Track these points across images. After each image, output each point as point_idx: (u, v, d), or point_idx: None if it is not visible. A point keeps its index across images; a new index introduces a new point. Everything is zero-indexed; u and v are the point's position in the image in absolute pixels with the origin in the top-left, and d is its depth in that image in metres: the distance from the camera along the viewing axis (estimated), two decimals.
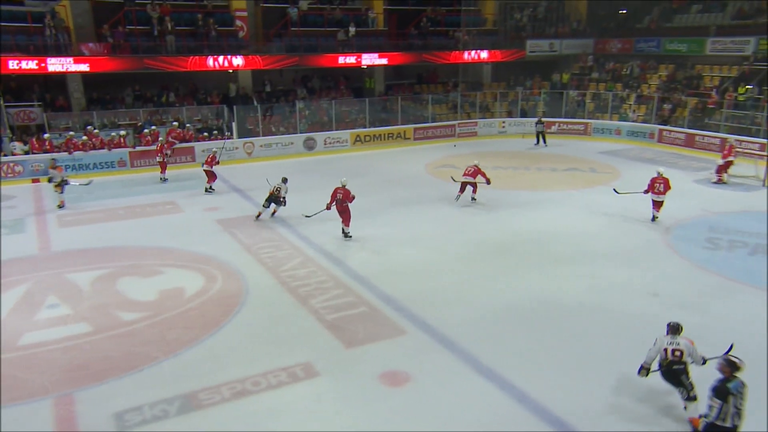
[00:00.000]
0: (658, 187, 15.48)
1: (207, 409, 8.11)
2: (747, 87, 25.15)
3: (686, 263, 13.21)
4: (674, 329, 7.84)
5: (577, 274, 12.57)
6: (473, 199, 17.61)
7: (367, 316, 10.77)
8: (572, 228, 15.48)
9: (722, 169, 19.96)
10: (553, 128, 28.81)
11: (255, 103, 25.48)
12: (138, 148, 22.25)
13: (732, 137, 22.10)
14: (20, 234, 15.29)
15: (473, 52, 29.68)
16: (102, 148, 21.80)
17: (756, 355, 9.38)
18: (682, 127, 25.85)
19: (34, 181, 20.66)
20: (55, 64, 21.50)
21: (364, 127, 26.68)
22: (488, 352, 9.49)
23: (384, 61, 27.91)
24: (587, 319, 10.70)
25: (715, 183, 19.88)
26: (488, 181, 17.38)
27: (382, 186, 19.97)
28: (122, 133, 22.45)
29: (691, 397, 7.47)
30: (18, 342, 9.80)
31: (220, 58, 24.09)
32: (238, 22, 25.78)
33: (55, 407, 8.23)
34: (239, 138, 24.06)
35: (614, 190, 17.13)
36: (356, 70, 28.74)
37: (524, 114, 30.08)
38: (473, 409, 8.15)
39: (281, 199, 15.87)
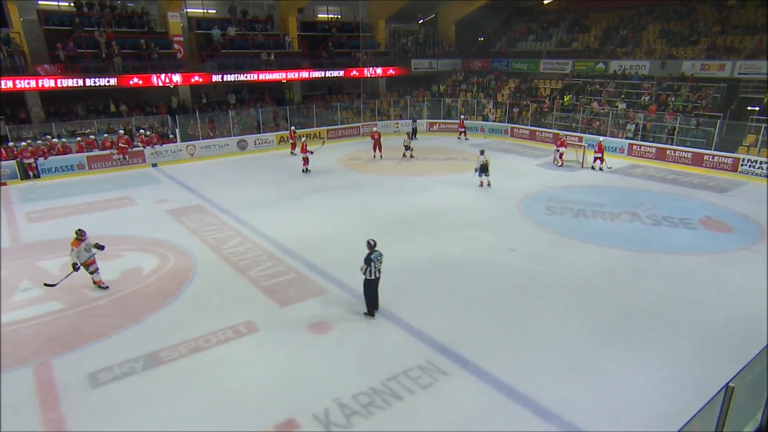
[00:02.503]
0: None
1: (168, 364, 7.85)
2: (568, 96, 26.80)
3: (533, 225, 14.03)
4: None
5: (458, 238, 13.06)
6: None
7: (295, 281, 10.70)
8: (453, 203, 15.99)
9: (561, 155, 21.20)
10: (435, 127, 29.54)
11: (195, 112, 24.26)
12: (95, 152, 20.60)
13: (562, 132, 23.54)
14: None
15: (371, 69, 29.67)
16: (60, 154, 19.96)
17: (581, 285, 10.23)
18: (527, 125, 27.17)
19: (2, 184, 18.68)
20: (11, 82, 19.40)
21: (287, 130, 26.09)
22: (393, 301, 9.73)
23: (303, 75, 27.33)
24: (466, 270, 11.18)
25: (559, 166, 20.99)
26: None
27: (304, 176, 19.71)
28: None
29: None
30: None
31: (162, 76, 22.70)
32: (176, 46, 24.33)
33: (35, 373, 7.73)
34: (182, 141, 22.83)
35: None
36: (278, 84, 27.98)
37: (448, 116, 30.33)
38: (381, 344, 8.40)
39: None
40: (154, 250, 12.34)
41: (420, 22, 35.90)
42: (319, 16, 31.89)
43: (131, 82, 22.09)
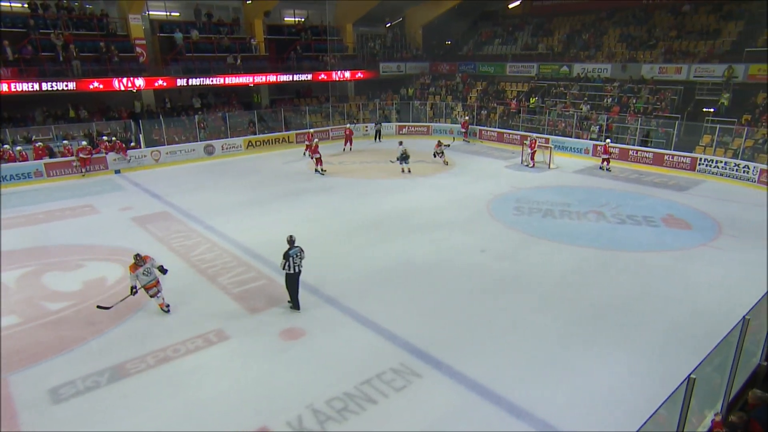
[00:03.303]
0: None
1: (135, 376, 7.63)
2: (534, 98, 27.36)
3: (502, 226, 14.23)
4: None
5: (429, 240, 13.13)
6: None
7: (266, 287, 10.57)
8: (423, 205, 16.08)
9: (532, 157, 21.56)
10: (404, 130, 29.69)
11: (159, 117, 23.69)
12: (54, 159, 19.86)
13: (531, 134, 23.99)
14: None
15: (339, 73, 29.61)
16: (12, 160, 19.14)
17: (550, 284, 10.42)
18: (495, 127, 27.57)
19: None
20: None
21: (255, 134, 25.80)
22: (364, 304, 9.71)
23: (270, 79, 27.04)
24: (437, 271, 11.26)
25: (531, 167, 21.29)
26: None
27: (273, 181, 19.49)
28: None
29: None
30: None
31: (124, 80, 22.06)
32: (138, 49, 23.73)
33: None
34: (147, 147, 22.26)
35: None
36: (245, 87, 27.61)
37: (417, 119, 30.40)
38: (354, 348, 8.36)
39: None
40: (119, 259, 11.97)
41: (387, 25, 36.07)
42: (285, 19, 31.67)
43: (91, 87, 21.40)
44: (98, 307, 9.36)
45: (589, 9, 29.98)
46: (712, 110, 21.97)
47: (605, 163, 20.92)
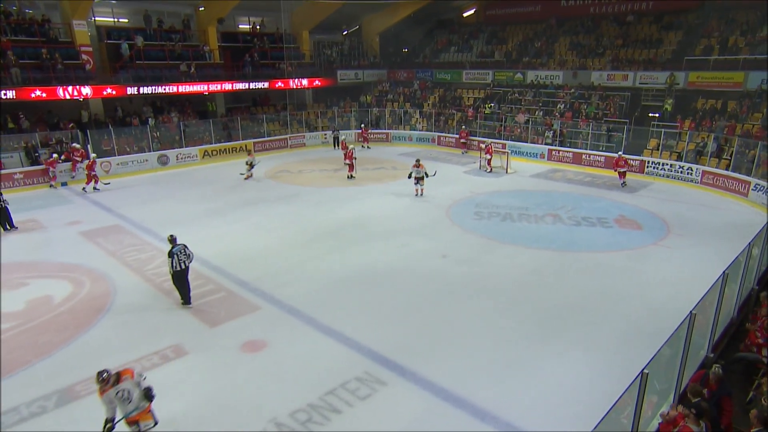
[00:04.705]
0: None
1: (85, 398, 7.28)
2: (490, 105, 28.01)
3: (462, 230, 14.44)
4: (172, 239, 9.76)
5: (389, 246, 13.17)
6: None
7: (226, 299, 10.33)
8: (383, 212, 16.12)
9: (489, 162, 21.95)
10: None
11: (109, 126, 22.83)
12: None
13: (487, 140, 24.51)
14: None
15: (296, 80, 29.39)
16: None
17: (511, 287, 10.63)
18: (453, 134, 28.01)
19: None
20: None
21: (211, 143, 25.26)
22: (326, 313, 9.63)
23: (225, 87, 26.56)
24: (399, 278, 11.30)
25: (488, 172, 21.67)
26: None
27: (230, 190, 19.11)
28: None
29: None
30: None
31: (70, 88, 21.14)
32: (84, 56, 22.82)
33: None
34: (96, 158, 21.36)
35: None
36: (200, 96, 27.02)
37: (376, 125, 30.38)
38: (318, 358, 8.26)
39: None
40: (67, 276, 11.44)
41: (344, 33, 36.19)
42: (240, 26, 31.26)
43: (33, 95, 20.39)
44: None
45: (540, 19, 31.02)
46: (657, 115, 23.10)
47: (621, 177, 19.32)
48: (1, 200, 14.09)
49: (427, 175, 17.52)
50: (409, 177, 17.69)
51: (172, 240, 9.82)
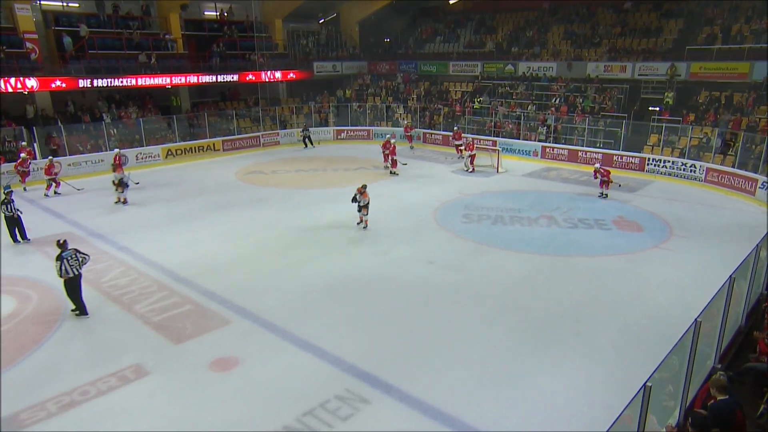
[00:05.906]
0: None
1: (31, 427, 7.09)
2: (479, 99, 28.24)
3: (450, 235, 14.49)
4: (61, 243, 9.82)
5: (371, 252, 13.16)
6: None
7: (192, 313, 10.19)
8: None
9: (472, 161, 22.04)
10: (343, 135, 29.78)
11: (58, 123, 22.39)
12: None
13: (471, 136, 24.65)
14: None
15: (269, 73, 29.27)
16: None
17: (502, 294, 10.70)
18: (439, 130, 28.14)
19: None
20: None
21: (175, 142, 24.98)
22: (304, 326, 9.57)
23: (191, 80, 26.29)
24: (383, 287, 11.28)
25: (470, 171, 21.77)
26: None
27: (196, 194, 18.90)
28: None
29: None
30: None
31: (12, 80, 20.66)
32: (29, 44, 22.34)
33: None
34: (43, 158, 20.93)
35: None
36: (161, 89, 26.69)
37: (356, 122, 30.33)
38: (294, 376, 8.20)
39: None
40: (10, 290, 11.15)
41: (321, 22, 36.17)
42: (206, 13, 31.03)
43: None
44: None
45: (532, 6, 31.40)
46: (657, 109, 23.53)
47: (604, 187, 18.12)
48: (13, 209, 13.92)
49: (366, 208, 14.77)
50: (353, 201, 14.86)
51: (62, 244, 9.90)
